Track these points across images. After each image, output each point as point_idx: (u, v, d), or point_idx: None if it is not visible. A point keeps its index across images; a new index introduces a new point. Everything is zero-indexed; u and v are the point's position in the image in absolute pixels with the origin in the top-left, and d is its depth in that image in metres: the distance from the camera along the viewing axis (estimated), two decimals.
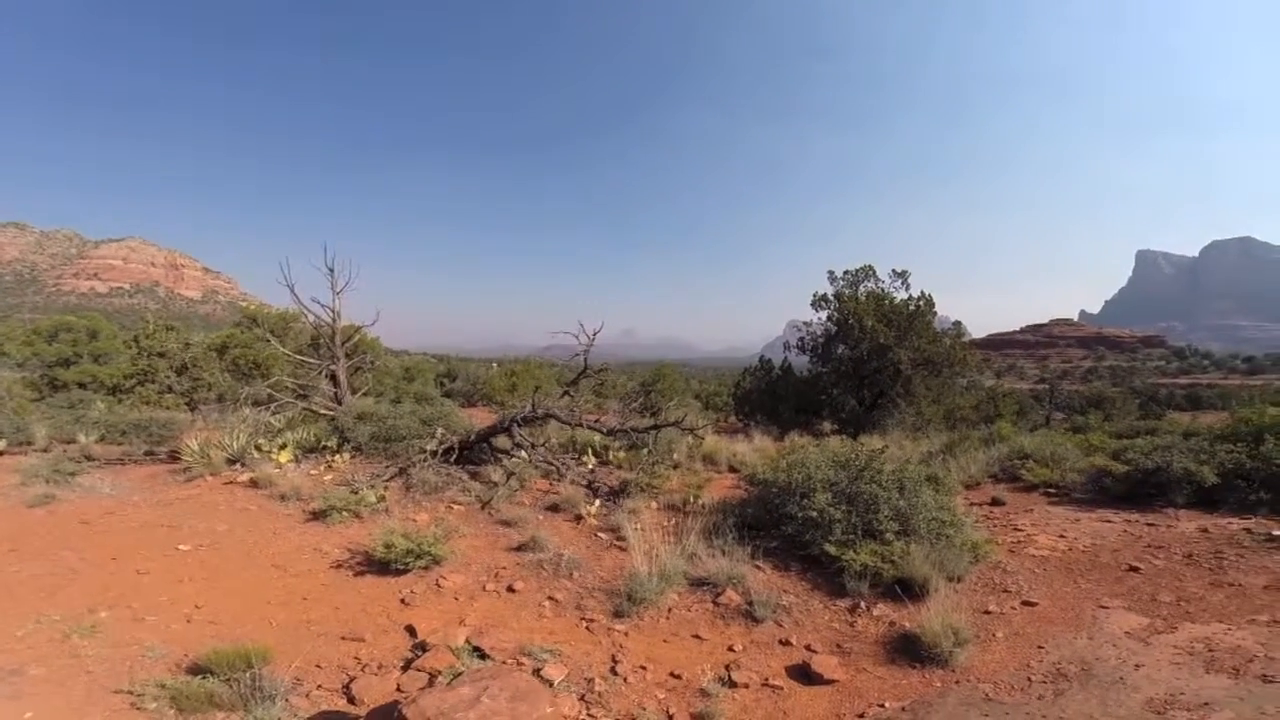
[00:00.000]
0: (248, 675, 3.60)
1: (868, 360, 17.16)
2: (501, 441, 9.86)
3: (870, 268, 18.58)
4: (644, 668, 4.23)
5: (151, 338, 17.56)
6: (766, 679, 4.13)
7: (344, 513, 7.00)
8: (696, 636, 4.73)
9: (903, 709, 3.74)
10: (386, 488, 7.97)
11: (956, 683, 4.03)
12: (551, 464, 8.99)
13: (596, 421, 10.04)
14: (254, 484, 8.20)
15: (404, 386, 21.27)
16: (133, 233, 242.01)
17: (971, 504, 8.51)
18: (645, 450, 9.97)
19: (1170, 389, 72.97)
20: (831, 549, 5.64)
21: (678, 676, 4.14)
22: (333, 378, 12.52)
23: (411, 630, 4.59)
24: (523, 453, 9.12)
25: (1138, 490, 8.37)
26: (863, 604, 5.16)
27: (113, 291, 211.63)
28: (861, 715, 3.74)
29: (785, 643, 4.65)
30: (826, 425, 17.42)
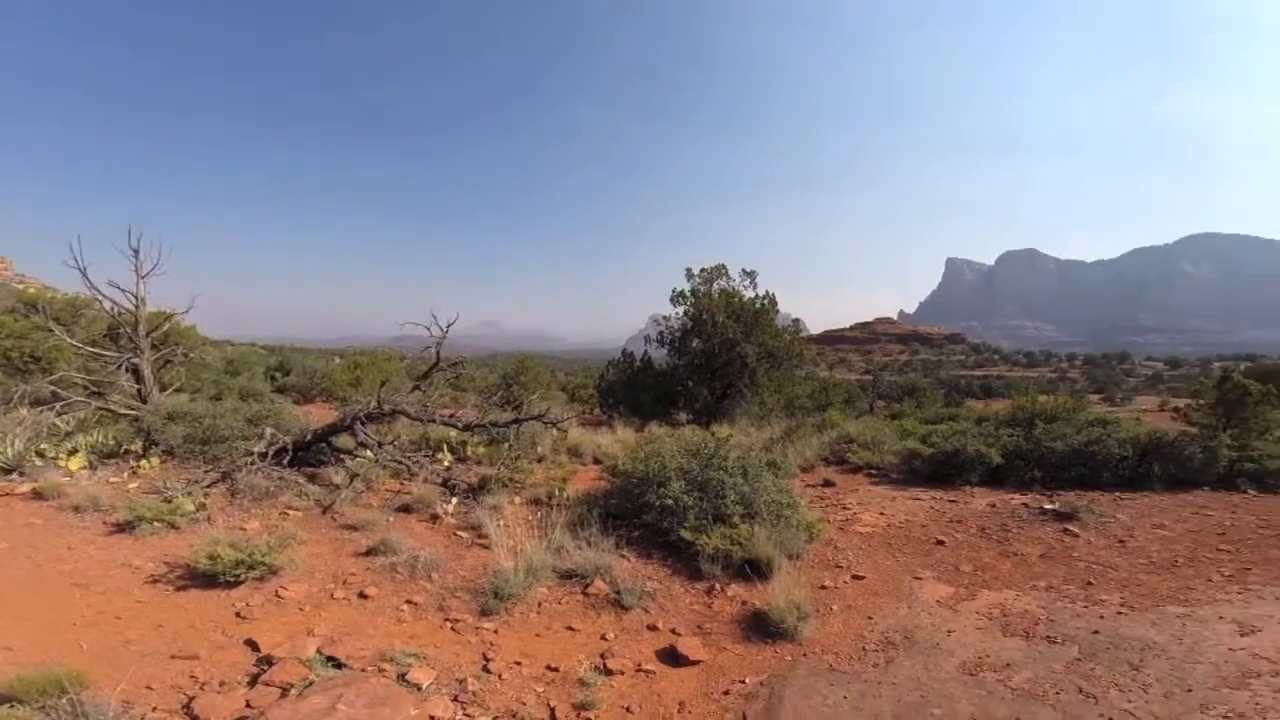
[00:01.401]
0: (64, 701, 3.09)
1: (719, 354, 18.14)
2: (344, 441, 9.17)
3: (723, 267, 19.63)
4: (519, 663, 4.19)
5: None
6: (639, 664, 4.26)
7: (156, 523, 6.15)
8: (569, 628, 4.77)
9: (761, 683, 4.04)
10: (207, 495, 7.11)
11: (804, 655, 4.40)
12: (402, 463, 8.52)
13: (452, 417, 9.67)
14: (38, 495, 6.93)
15: (226, 382, 19.01)
16: None
17: (807, 486, 9.35)
18: (507, 445, 9.77)
19: (969, 380, 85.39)
20: (687, 534, 5.93)
21: (554, 669, 4.15)
22: (135, 373, 10.91)
23: (253, 644, 4.18)
24: (368, 452, 8.56)
25: (941, 470, 9.65)
26: (718, 585, 5.48)
27: None
28: (727, 692, 3.98)
29: (653, 628, 4.82)
30: (683, 415, 18.19)
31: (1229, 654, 4.16)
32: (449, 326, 9.60)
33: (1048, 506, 7.86)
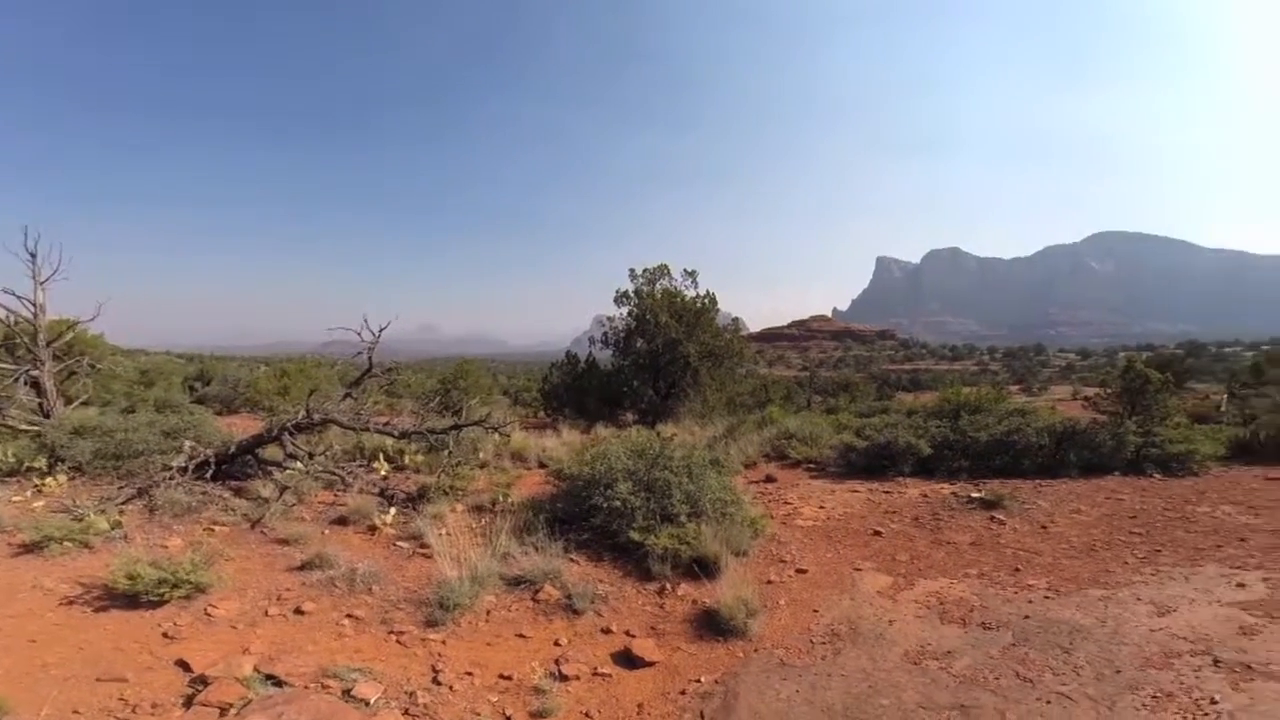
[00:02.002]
0: None
1: (662, 353, 18.27)
2: (272, 452, 8.73)
3: (665, 267, 19.78)
4: (470, 673, 4.10)
5: None
6: (595, 668, 4.24)
7: (67, 543, 5.71)
8: (521, 635, 4.69)
9: (716, 681, 4.08)
10: (122, 512, 6.63)
11: (755, 651, 4.47)
12: (335, 473, 8.19)
13: (388, 424, 9.35)
14: None
15: (140, 393, 17.76)
16: None
17: (750, 482, 9.50)
18: (446, 452, 9.53)
19: (899, 374, 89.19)
20: (636, 535, 5.93)
21: (508, 677, 4.08)
22: (36, 385, 10.07)
23: (185, 664, 3.93)
24: (298, 463, 8.17)
25: (876, 462, 9.98)
26: (669, 585, 5.51)
27: None
28: (684, 692, 4.00)
29: (607, 631, 4.80)
30: (629, 416, 18.22)
31: (1150, 635, 4.41)
32: (382, 331, 9.29)
33: (975, 495, 8.24)
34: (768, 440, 12.02)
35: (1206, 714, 3.45)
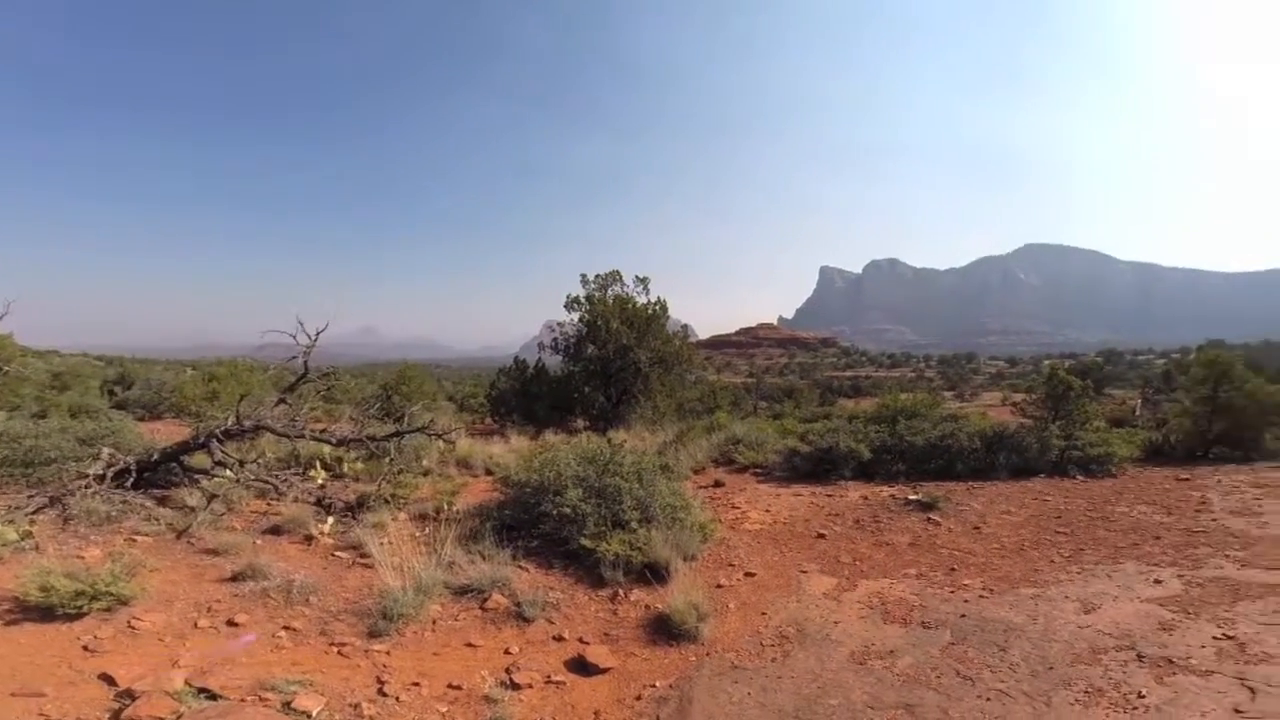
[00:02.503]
0: None
1: (613, 359, 18.26)
2: (199, 460, 8.28)
3: (617, 273, 19.79)
4: (417, 684, 3.97)
5: None
6: (548, 676, 4.19)
7: None
8: (469, 645, 4.59)
9: (670, 686, 4.10)
10: (33, 521, 6.16)
11: (708, 655, 4.50)
12: (268, 482, 7.83)
13: (325, 431, 9.01)
14: None
15: (52, 397, 16.57)
16: None
17: (699, 487, 9.59)
18: (387, 459, 9.24)
19: (841, 381, 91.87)
20: (587, 542, 5.90)
21: (457, 687, 3.98)
22: None
23: (109, 679, 3.68)
24: (228, 471, 7.78)
25: (819, 466, 10.24)
26: (621, 591, 5.50)
27: None
28: (639, 697, 4.00)
29: (559, 638, 4.76)
30: (579, 422, 18.11)
31: (1078, 631, 4.65)
32: (319, 334, 8.96)
33: (912, 497, 8.57)
34: (716, 446, 12.16)
35: (1135, 708, 3.63)
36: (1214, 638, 4.42)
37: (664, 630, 4.80)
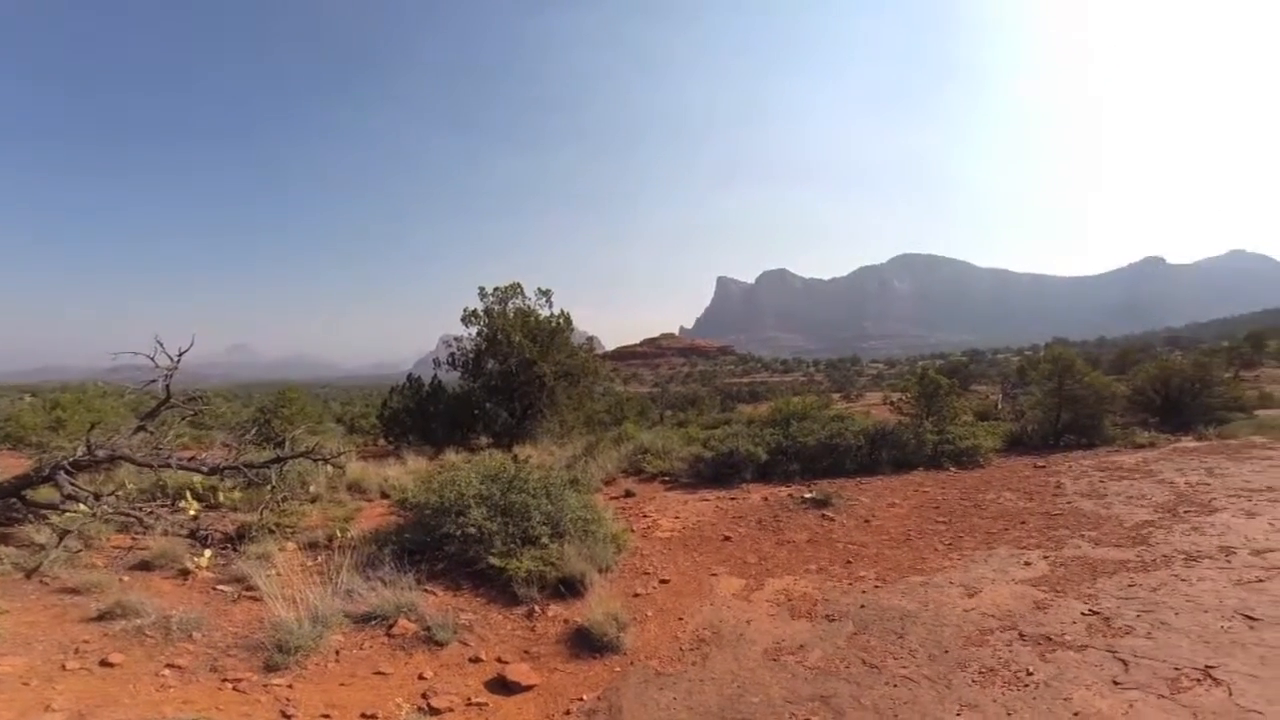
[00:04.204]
0: None
1: (516, 374, 17.88)
2: (46, 494, 7.31)
3: (518, 285, 19.42)
4: (327, 715, 3.73)
5: None
6: (468, 698, 4.04)
7: None
8: (379, 673, 4.33)
9: (598, 698, 4.07)
10: None
11: (631, 664, 4.50)
12: (131, 515, 7.04)
13: (193, 459, 8.20)
14: None
15: None
16: None
17: (610, 498, 9.59)
18: (269, 487, 8.52)
19: (739, 387, 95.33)
20: (496, 561, 5.74)
21: (371, 716, 3.77)
22: None
23: None
24: (81, 505, 6.90)
25: (722, 471, 10.54)
26: (537, 607, 5.40)
27: None
28: (568, 712, 3.94)
29: (476, 659, 4.60)
30: (483, 439, 17.57)
31: (965, 615, 5.00)
32: (182, 355, 8.16)
33: (807, 495, 9.00)
34: (625, 456, 12.22)
35: (1026, 685, 3.92)
36: (1082, 614, 4.85)
37: (585, 643, 4.77)
